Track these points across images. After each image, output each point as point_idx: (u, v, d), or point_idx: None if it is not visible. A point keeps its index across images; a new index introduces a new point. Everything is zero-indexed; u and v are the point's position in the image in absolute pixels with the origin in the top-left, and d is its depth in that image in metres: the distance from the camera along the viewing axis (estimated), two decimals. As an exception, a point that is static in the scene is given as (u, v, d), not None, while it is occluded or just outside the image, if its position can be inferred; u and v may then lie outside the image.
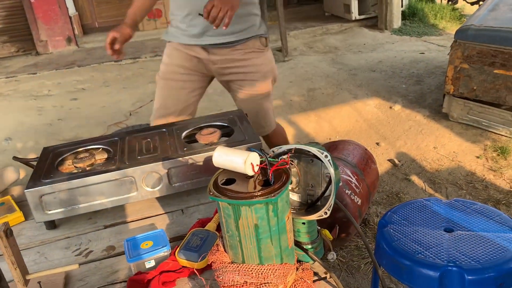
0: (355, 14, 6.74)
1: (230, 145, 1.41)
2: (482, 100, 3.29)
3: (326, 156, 0.94)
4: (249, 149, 0.92)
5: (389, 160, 3.16)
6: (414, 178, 2.91)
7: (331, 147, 2.46)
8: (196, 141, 1.50)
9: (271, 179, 0.88)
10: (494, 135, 3.27)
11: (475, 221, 1.33)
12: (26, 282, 0.97)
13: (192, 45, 1.95)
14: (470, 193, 2.68)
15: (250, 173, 0.89)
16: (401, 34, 6.41)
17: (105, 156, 1.48)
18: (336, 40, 6.28)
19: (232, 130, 1.54)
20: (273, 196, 0.83)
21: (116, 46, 1.80)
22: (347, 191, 2.09)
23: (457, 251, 1.20)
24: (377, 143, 3.40)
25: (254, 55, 1.96)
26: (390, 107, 3.92)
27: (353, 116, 3.84)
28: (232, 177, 0.91)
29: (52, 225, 1.38)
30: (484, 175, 2.85)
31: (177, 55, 2.00)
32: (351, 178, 2.16)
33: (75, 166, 1.42)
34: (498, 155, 3.03)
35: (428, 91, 4.19)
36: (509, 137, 3.21)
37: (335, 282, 1.06)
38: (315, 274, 1.08)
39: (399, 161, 3.12)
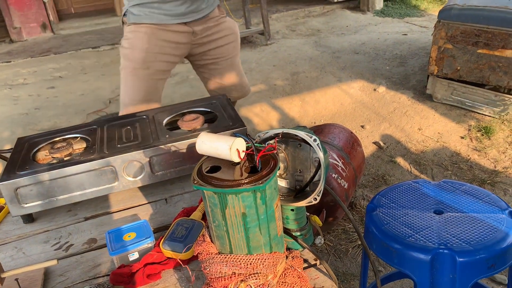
0: (337, -4, 6.68)
1: (214, 131, 1.36)
2: (466, 80, 3.30)
3: (315, 140, 0.90)
4: (234, 135, 0.88)
5: (374, 143, 3.15)
6: (400, 160, 2.90)
7: (317, 131, 2.43)
8: (178, 127, 1.44)
9: (258, 166, 0.84)
10: (478, 115, 3.29)
11: (465, 202, 1.31)
12: (1, 280, 0.92)
13: (174, 24, 1.91)
14: (456, 174, 2.69)
15: (236, 159, 0.85)
16: (383, 15, 6.38)
17: (84, 145, 1.42)
18: (318, 23, 6.22)
19: (216, 116, 1.49)
20: (261, 183, 0.79)
21: None
22: (333, 175, 2.07)
23: (448, 233, 1.19)
24: (362, 126, 3.38)
25: (222, 20, 2.06)
26: (374, 89, 3.91)
27: (338, 99, 3.81)
28: (217, 164, 0.87)
29: (29, 218, 1.32)
30: (468, 155, 2.86)
31: (157, 37, 1.90)
32: (338, 161, 2.14)
33: (52, 157, 1.35)
34: (482, 135, 3.05)
35: (411, 72, 4.18)
36: (493, 117, 3.23)
37: (325, 268, 1.03)
38: (305, 261, 1.05)
39: (384, 144, 3.12)
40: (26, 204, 1.27)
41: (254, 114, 3.68)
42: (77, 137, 1.46)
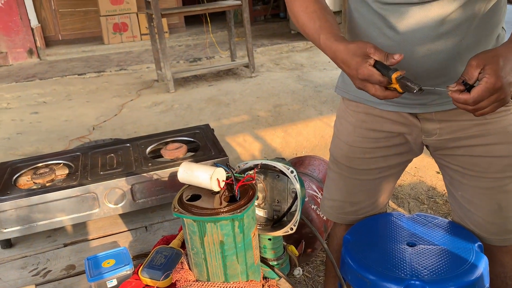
0: (320, 32, 6.88)
1: (196, 160, 1.40)
2: (442, 117, 3.41)
3: (292, 172, 0.95)
4: (215, 165, 0.91)
5: (353, 176, 3.21)
6: (378, 193, 2.96)
7: (297, 162, 2.48)
8: (161, 156, 1.48)
9: (237, 195, 0.88)
10: (453, 151, 3.39)
11: (436, 235, 1.36)
12: (-22, 305, 0.92)
13: (396, 112, 1.23)
14: (431, 208, 2.75)
15: (216, 188, 0.88)
16: (365, 52, 6.58)
17: (66, 171, 1.44)
18: (302, 58, 6.39)
19: (198, 145, 1.53)
20: (239, 212, 0.83)
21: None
22: (313, 206, 2.10)
23: (419, 265, 1.23)
24: (342, 159, 3.45)
25: (499, 114, 1.15)
26: (355, 123, 4.00)
27: (319, 132, 3.89)
28: (198, 193, 0.90)
29: (7, 244, 1.32)
30: (444, 190, 2.94)
31: (367, 123, 1.30)
32: (317, 193, 2.18)
33: (34, 182, 1.37)
34: (457, 170, 3.14)
35: (390, 108, 4.30)
36: (467, 153, 3.34)
37: (301, 298, 1.06)
38: (281, 290, 1.07)
39: (364, 176, 3.18)
40: (5, 229, 1.27)
41: (237, 144, 3.72)
42: (59, 163, 1.48)
